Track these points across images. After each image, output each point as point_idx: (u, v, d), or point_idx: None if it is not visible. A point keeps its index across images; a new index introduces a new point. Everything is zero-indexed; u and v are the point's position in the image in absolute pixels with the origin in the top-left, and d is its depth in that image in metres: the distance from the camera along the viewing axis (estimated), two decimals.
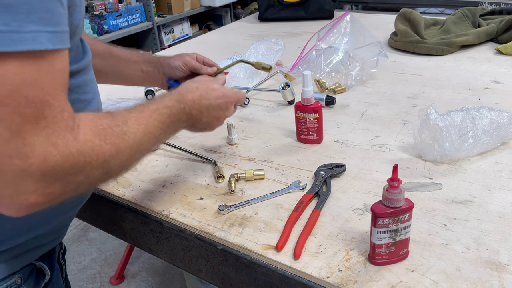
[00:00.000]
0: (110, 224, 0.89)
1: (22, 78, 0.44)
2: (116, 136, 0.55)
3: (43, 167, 0.46)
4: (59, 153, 0.47)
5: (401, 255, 0.63)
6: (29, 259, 0.64)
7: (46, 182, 0.47)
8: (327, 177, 0.82)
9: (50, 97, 0.46)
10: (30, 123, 0.45)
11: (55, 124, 0.47)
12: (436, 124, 0.82)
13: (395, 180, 0.58)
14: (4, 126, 0.44)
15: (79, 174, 0.50)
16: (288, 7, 1.99)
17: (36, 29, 0.44)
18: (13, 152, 0.44)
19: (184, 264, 0.78)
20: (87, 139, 0.50)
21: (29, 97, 0.44)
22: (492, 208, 0.73)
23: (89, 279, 2.03)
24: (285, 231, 0.70)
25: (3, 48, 0.43)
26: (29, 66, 0.45)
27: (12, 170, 0.45)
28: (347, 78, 1.23)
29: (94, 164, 0.51)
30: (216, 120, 0.78)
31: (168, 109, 0.67)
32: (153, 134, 0.62)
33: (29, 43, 0.44)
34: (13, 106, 0.44)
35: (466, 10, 1.59)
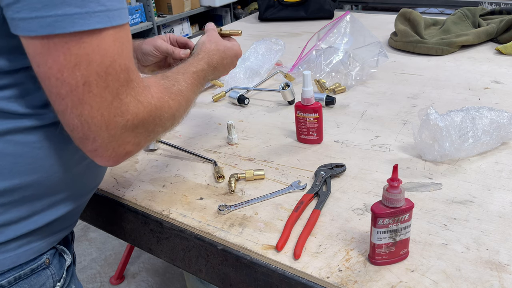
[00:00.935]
0: (110, 224, 0.89)
1: (117, 50, 0.52)
2: (176, 93, 0.66)
3: (135, 121, 0.56)
4: (145, 109, 0.57)
5: (401, 255, 0.63)
6: (53, 241, 0.68)
7: (137, 133, 0.58)
8: (327, 177, 0.82)
9: (131, 63, 0.55)
10: (124, 86, 0.54)
11: (138, 84, 0.56)
12: (436, 124, 0.82)
13: (395, 180, 0.58)
14: (109, 91, 0.52)
15: (157, 125, 0.61)
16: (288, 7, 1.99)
17: (119, 6, 0.52)
18: (116, 112, 0.54)
19: (184, 264, 0.78)
20: (159, 96, 0.61)
21: (121, 65, 0.53)
22: (492, 208, 0.73)
23: (89, 279, 2.03)
24: (285, 231, 0.70)
25: (107, 24, 0.51)
26: (119, 38, 0.53)
27: (116, 127, 0.54)
28: (347, 78, 1.23)
29: (166, 116, 0.63)
30: (228, 69, 0.90)
31: (203, 72, 0.79)
32: (195, 92, 0.75)
33: (118, 19, 0.52)
34: (114, 74, 0.52)
35: (466, 10, 1.59)
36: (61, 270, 0.69)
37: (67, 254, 0.72)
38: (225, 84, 1.27)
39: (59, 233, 0.69)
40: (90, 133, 0.54)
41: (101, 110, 0.53)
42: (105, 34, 0.51)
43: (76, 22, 0.49)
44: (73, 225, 0.74)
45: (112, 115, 0.54)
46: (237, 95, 1.17)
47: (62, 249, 0.71)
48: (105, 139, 0.55)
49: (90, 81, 0.51)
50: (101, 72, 0.52)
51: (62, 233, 0.70)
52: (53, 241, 0.68)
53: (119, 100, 0.54)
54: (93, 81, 0.51)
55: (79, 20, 0.49)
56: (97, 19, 0.50)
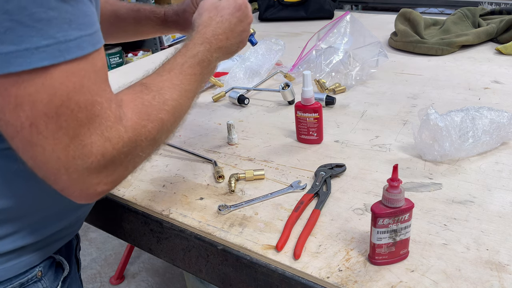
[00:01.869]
0: (110, 224, 0.89)
1: (71, 87, 0.46)
2: (158, 109, 0.57)
3: (102, 161, 0.50)
4: (113, 147, 0.50)
5: (401, 255, 0.63)
6: (48, 252, 0.65)
7: (107, 172, 0.51)
8: (327, 177, 0.82)
9: (98, 96, 0.49)
10: (85, 125, 0.48)
11: (106, 119, 0.49)
12: (436, 124, 0.82)
13: (395, 180, 0.58)
14: (63, 133, 0.46)
15: (134, 157, 0.54)
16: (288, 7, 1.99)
17: (78, 35, 0.46)
18: (75, 154, 0.47)
19: (184, 264, 0.78)
20: (134, 123, 0.53)
21: (80, 102, 0.47)
22: (492, 208, 0.73)
23: (89, 279, 2.03)
24: (285, 231, 0.70)
25: (52, 61, 0.44)
26: (75, 73, 0.46)
27: (77, 170, 0.48)
28: (347, 78, 1.23)
29: (144, 145, 0.55)
30: (243, 32, 0.75)
31: (196, 57, 0.66)
32: (189, 90, 0.63)
33: (75, 51, 0.45)
34: (67, 114, 0.46)
35: (466, 10, 1.59)
36: (55, 282, 0.66)
37: (64, 264, 0.68)
38: (225, 84, 1.27)
39: (55, 243, 0.66)
40: (49, 175, 0.49)
41: (56, 153, 0.47)
42: (53, 70, 0.44)
43: (12, 62, 0.43)
44: (73, 233, 0.71)
45: (70, 158, 0.47)
46: (237, 95, 1.17)
47: (59, 259, 0.68)
48: (67, 182, 0.49)
49: (38, 123, 0.45)
50: (50, 113, 0.45)
51: (59, 242, 0.67)
52: (47, 252, 0.65)
53: (78, 142, 0.47)
54: (42, 123, 0.45)
55: (15, 59, 0.43)
56: (41, 56, 0.43)
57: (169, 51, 0.74)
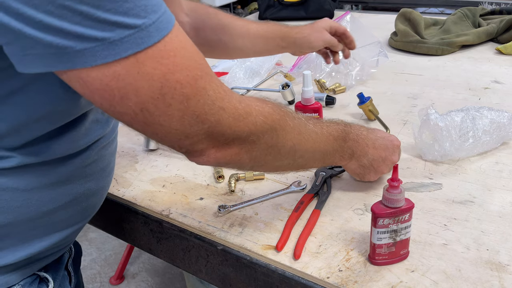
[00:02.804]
0: (110, 224, 0.89)
1: (164, 69, 0.46)
2: (284, 113, 0.60)
3: (219, 129, 0.52)
4: (229, 115, 0.52)
5: (401, 255, 0.63)
6: (31, 270, 0.63)
7: (226, 139, 0.54)
8: (327, 177, 0.82)
9: (197, 71, 0.49)
10: (193, 97, 0.49)
11: (215, 91, 0.51)
12: (436, 124, 0.82)
13: (395, 180, 0.58)
14: (174, 108, 0.48)
15: (251, 135, 0.55)
16: (288, 7, 1.99)
17: (155, 18, 0.45)
18: (191, 122, 0.50)
19: (184, 264, 0.78)
20: (253, 103, 0.55)
21: (179, 80, 0.47)
22: (492, 208, 0.73)
23: (89, 279, 2.03)
24: (285, 231, 0.70)
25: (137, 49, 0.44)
26: (163, 55, 0.46)
27: (196, 134, 0.51)
28: (347, 78, 1.23)
29: (262, 126, 0.56)
30: (382, 161, 0.73)
31: (337, 126, 0.69)
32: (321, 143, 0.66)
33: (156, 34, 0.45)
34: (171, 93, 0.47)
35: (466, 10, 1.59)
36: None
37: (49, 281, 0.66)
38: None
39: (41, 260, 0.64)
40: (173, 144, 0.53)
41: (173, 126, 0.49)
42: (141, 57, 0.45)
43: (98, 55, 0.43)
44: (63, 249, 0.69)
45: (187, 127, 0.50)
46: None
47: (44, 276, 0.65)
48: (189, 146, 0.53)
49: (147, 107, 0.47)
50: (155, 95, 0.47)
51: (46, 259, 0.65)
52: (29, 271, 0.63)
53: (191, 113, 0.49)
54: (151, 106, 0.47)
55: (101, 52, 0.43)
56: (125, 46, 0.44)
57: None
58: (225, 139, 0.54)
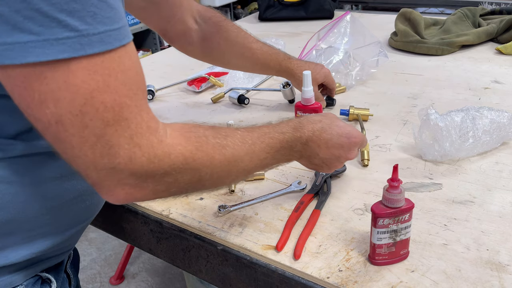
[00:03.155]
0: (110, 224, 0.89)
1: (94, 85, 0.44)
2: (212, 146, 0.55)
3: (130, 167, 0.48)
4: (143, 154, 0.48)
5: (401, 255, 0.63)
6: (34, 271, 0.63)
7: (137, 179, 0.49)
8: (327, 177, 0.82)
9: (126, 99, 0.46)
10: (112, 126, 0.46)
11: (137, 125, 0.47)
12: (436, 124, 0.82)
13: (395, 180, 0.58)
14: (89, 131, 0.45)
15: (167, 176, 0.51)
16: (288, 7, 1.99)
17: (103, 29, 0.43)
18: (102, 153, 0.46)
19: (184, 264, 0.78)
20: (175, 143, 0.51)
21: (105, 102, 0.45)
22: (492, 208, 0.73)
23: (89, 279, 2.03)
24: (285, 231, 0.70)
25: (73, 54, 0.42)
26: (99, 70, 0.44)
27: (104, 168, 0.47)
28: (347, 78, 1.23)
29: (182, 169, 0.52)
30: (335, 159, 0.71)
31: (282, 135, 0.65)
32: (257, 156, 0.61)
33: (97, 45, 0.43)
34: (92, 113, 0.44)
35: (466, 10, 1.59)
36: None
37: (52, 282, 0.65)
38: (225, 84, 1.27)
39: (43, 262, 0.63)
40: (81, 170, 0.49)
41: (83, 150, 0.46)
42: (75, 67, 0.42)
43: (30, 52, 0.41)
44: (65, 253, 0.68)
45: (98, 156, 0.46)
46: (237, 95, 1.17)
47: (46, 277, 0.65)
48: (95, 178, 0.49)
49: (63, 120, 0.44)
50: (74, 111, 0.44)
51: (47, 262, 0.64)
52: (32, 272, 0.62)
53: (105, 142, 0.46)
54: (67, 121, 0.44)
55: (34, 49, 0.41)
56: (61, 48, 0.41)
57: None
58: (135, 179, 0.49)
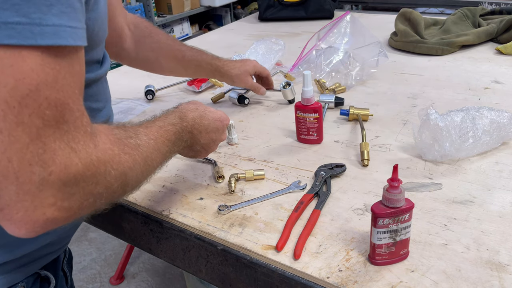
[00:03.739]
0: (110, 224, 0.89)
1: (42, 77, 0.41)
2: (132, 147, 0.54)
3: (64, 175, 0.43)
4: (80, 161, 0.44)
5: (401, 255, 0.63)
6: (33, 269, 0.63)
7: (65, 194, 0.44)
8: (327, 177, 0.82)
9: (70, 100, 0.44)
10: (51, 127, 0.42)
11: (76, 129, 0.44)
12: (436, 124, 0.82)
13: (395, 180, 0.58)
14: (23, 129, 0.40)
15: (99, 185, 0.47)
16: (288, 7, 1.99)
17: (58, 23, 0.41)
18: (32, 159, 0.40)
19: (184, 264, 0.78)
20: (106, 148, 0.48)
21: (49, 98, 0.41)
22: (492, 208, 0.73)
23: (89, 279, 2.03)
24: (285, 231, 0.70)
25: (23, 41, 0.40)
26: (50, 63, 0.41)
27: (31, 180, 0.41)
28: (347, 78, 1.23)
29: (113, 174, 0.49)
30: (212, 142, 0.77)
31: (173, 127, 0.66)
32: (160, 151, 0.61)
33: (51, 37, 0.41)
34: (33, 108, 0.40)
35: (466, 10, 1.59)
36: None
37: (51, 278, 0.65)
38: (225, 84, 1.27)
39: (40, 259, 0.63)
40: None
41: (7, 153, 0.40)
42: (25, 53, 0.40)
43: None
44: (61, 248, 0.69)
45: (26, 163, 0.40)
46: (237, 95, 1.17)
47: (45, 274, 0.65)
48: (13, 195, 0.41)
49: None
50: (12, 100, 0.39)
51: (45, 259, 0.65)
52: (31, 269, 0.62)
53: (40, 145, 0.41)
54: (0, 111, 0.39)
55: None
56: (9, 32, 0.39)
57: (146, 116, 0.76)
58: (64, 193, 0.43)
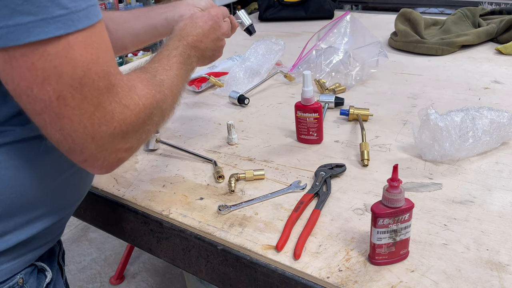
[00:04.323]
0: (110, 224, 0.89)
1: (89, 58, 0.48)
2: (159, 84, 0.63)
3: (124, 127, 0.53)
4: (132, 113, 0.54)
5: (401, 255, 0.63)
6: (30, 260, 0.64)
7: (128, 139, 0.55)
8: (327, 177, 0.82)
9: (111, 67, 0.51)
10: (105, 93, 0.51)
11: (122, 88, 0.53)
12: (436, 124, 0.82)
13: (395, 180, 0.58)
14: (88, 102, 0.49)
15: (148, 124, 0.59)
16: (288, 7, 1.99)
17: (85, 5, 0.48)
18: (100, 121, 0.51)
19: (184, 264, 0.78)
20: (145, 93, 0.58)
21: (98, 72, 0.49)
22: (492, 208, 0.73)
23: (89, 279, 2.03)
24: (285, 231, 0.70)
25: (67, 30, 0.46)
26: (90, 44, 0.48)
27: (103, 136, 0.52)
28: (347, 78, 1.23)
29: (155, 112, 0.60)
30: (217, 41, 0.85)
31: (178, 50, 0.75)
32: (179, 75, 0.71)
33: (85, 20, 0.48)
34: (90, 84, 0.49)
35: (466, 10, 1.59)
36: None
37: (47, 270, 0.67)
38: (225, 84, 1.27)
39: (37, 249, 0.65)
40: (76, 146, 0.51)
41: (83, 123, 0.50)
42: (72, 41, 0.47)
43: (32, 31, 0.44)
44: (56, 238, 0.70)
45: (96, 126, 0.51)
46: (237, 95, 1.17)
47: (42, 266, 0.67)
48: (93, 150, 0.52)
49: (65, 95, 0.48)
50: (75, 84, 0.48)
51: (41, 249, 0.66)
52: (29, 259, 0.64)
53: (102, 109, 0.51)
54: (68, 95, 0.48)
55: (34, 28, 0.44)
56: (57, 25, 0.45)
57: None
58: (126, 139, 0.55)
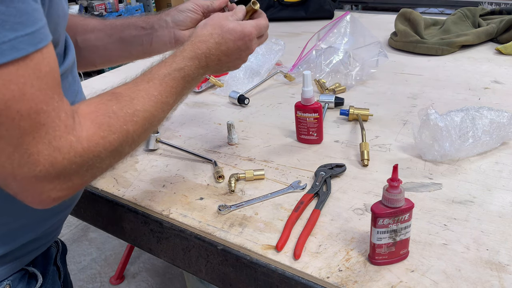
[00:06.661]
0: (110, 224, 0.89)
1: (9, 95, 0.42)
2: (124, 120, 0.54)
3: (52, 170, 0.47)
4: (64, 157, 0.47)
5: (401, 255, 0.63)
6: (19, 265, 0.62)
7: (61, 181, 0.49)
8: (327, 177, 0.82)
9: (43, 105, 0.45)
10: (30, 134, 0.45)
11: (54, 128, 0.46)
12: (436, 124, 0.82)
13: (395, 180, 0.58)
14: (5, 142, 0.44)
15: (92, 168, 0.51)
16: (288, 7, 1.99)
17: (13, 36, 0.42)
18: (20, 163, 0.45)
19: (184, 264, 0.78)
20: (90, 134, 0.50)
21: (22, 111, 0.44)
22: (492, 208, 0.73)
23: (89, 279, 2.03)
24: (285, 231, 0.70)
25: None
26: (14, 79, 0.43)
27: (25, 177, 0.46)
28: (347, 78, 1.23)
29: (103, 156, 0.52)
30: (238, 60, 0.74)
31: (182, 71, 0.64)
32: (166, 103, 0.61)
33: (9, 53, 0.42)
34: (8, 123, 0.43)
35: (466, 10, 1.59)
36: None
37: (38, 275, 0.65)
38: (225, 84, 1.27)
39: (27, 255, 0.63)
40: (0, 181, 0.47)
41: (1, 162, 0.45)
42: None
43: None
44: (48, 243, 0.68)
45: (16, 167, 0.45)
46: (237, 95, 1.17)
47: (32, 271, 0.64)
48: (16, 189, 0.48)
49: None
50: None
51: (31, 254, 0.64)
52: (18, 265, 0.62)
53: (23, 150, 0.45)
54: None
55: None
56: None
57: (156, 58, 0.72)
58: (60, 181, 0.49)
